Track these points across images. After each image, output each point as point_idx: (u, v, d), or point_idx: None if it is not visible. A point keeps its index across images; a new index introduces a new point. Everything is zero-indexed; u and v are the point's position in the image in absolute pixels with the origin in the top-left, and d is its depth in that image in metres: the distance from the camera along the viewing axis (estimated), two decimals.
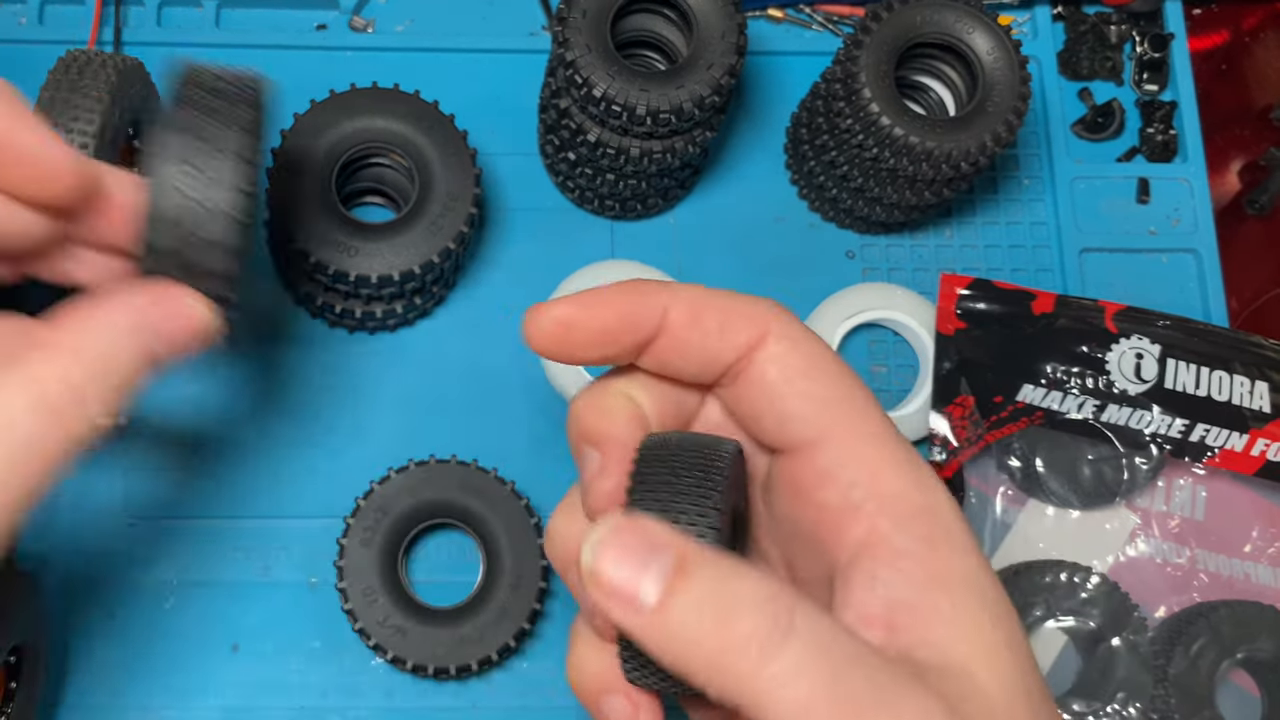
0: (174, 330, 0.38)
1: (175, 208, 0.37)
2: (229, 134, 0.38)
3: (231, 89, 0.40)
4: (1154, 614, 0.59)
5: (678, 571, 0.29)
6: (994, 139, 0.56)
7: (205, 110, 0.38)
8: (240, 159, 0.38)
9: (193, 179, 0.37)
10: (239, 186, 0.38)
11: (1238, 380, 0.60)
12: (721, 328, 0.34)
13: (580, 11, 0.54)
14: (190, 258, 0.38)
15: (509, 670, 0.57)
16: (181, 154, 0.37)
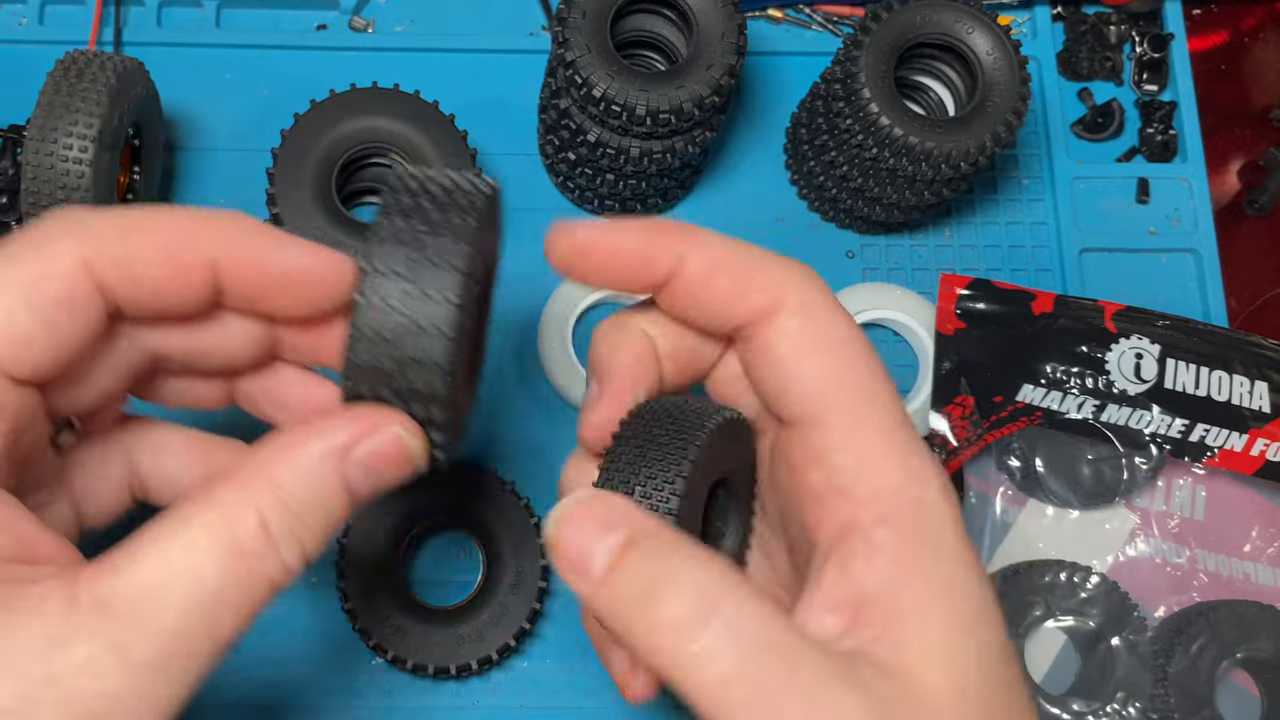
0: (380, 464, 0.33)
1: (389, 325, 0.32)
2: (450, 246, 0.32)
3: (456, 196, 0.34)
4: (1154, 614, 0.59)
5: (625, 547, 0.30)
6: (994, 139, 0.56)
7: (425, 220, 0.33)
8: (462, 274, 0.32)
9: (408, 295, 0.32)
10: (459, 304, 0.32)
11: (1237, 380, 0.60)
12: (734, 289, 0.34)
13: (580, 11, 0.54)
14: (402, 381, 0.33)
15: (509, 670, 0.57)
16: (396, 267, 0.32)
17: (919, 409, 0.61)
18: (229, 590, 0.29)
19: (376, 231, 0.33)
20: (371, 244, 0.32)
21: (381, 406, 0.33)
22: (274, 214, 0.56)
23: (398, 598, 0.55)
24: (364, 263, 0.32)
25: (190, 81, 0.64)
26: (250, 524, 0.30)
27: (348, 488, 0.32)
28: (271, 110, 0.64)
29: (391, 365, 0.32)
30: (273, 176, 0.56)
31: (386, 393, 0.33)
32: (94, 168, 0.51)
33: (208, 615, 0.29)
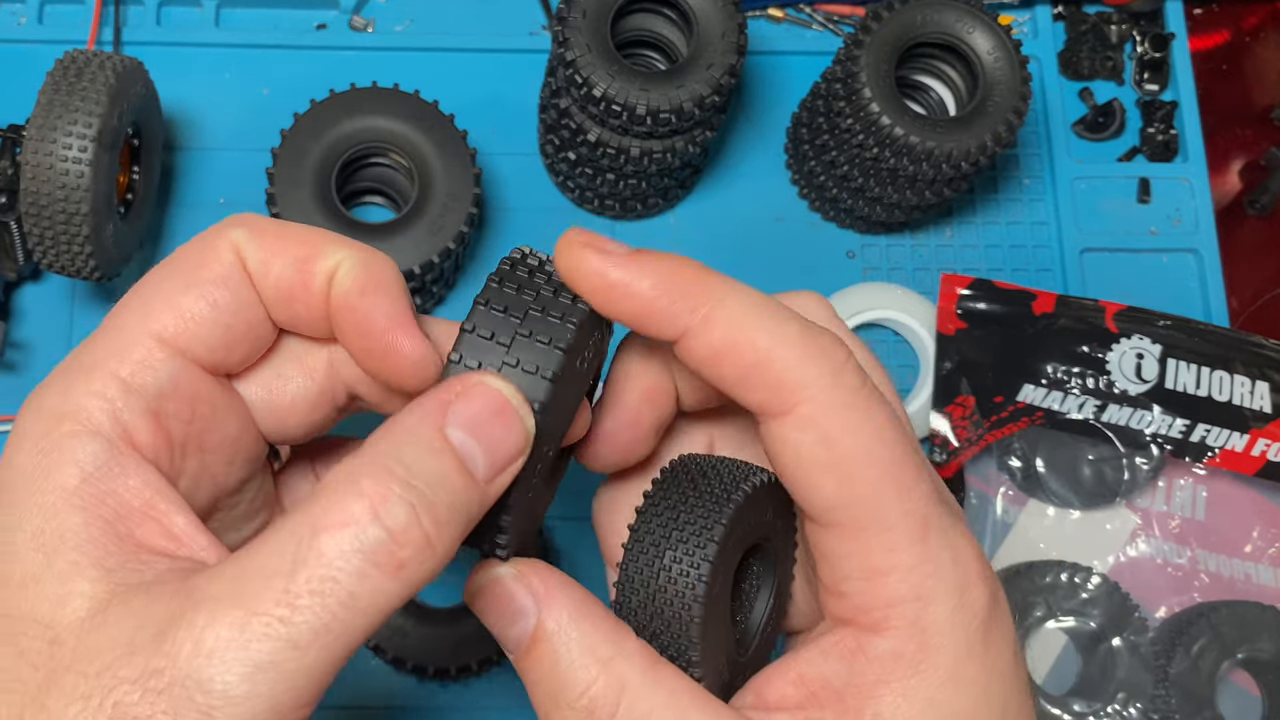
0: (483, 423, 0.30)
1: None
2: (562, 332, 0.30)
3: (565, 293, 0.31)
4: (1155, 614, 0.59)
5: (532, 643, 0.32)
6: (994, 139, 0.56)
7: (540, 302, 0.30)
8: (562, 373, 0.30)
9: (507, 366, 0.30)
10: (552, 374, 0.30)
11: (1238, 380, 0.60)
12: (740, 381, 0.30)
13: (580, 11, 0.54)
14: None
15: (509, 670, 0.57)
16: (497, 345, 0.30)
17: (920, 409, 0.61)
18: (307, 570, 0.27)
19: (482, 298, 0.30)
20: (482, 314, 0.30)
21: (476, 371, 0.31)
22: (274, 213, 0.56)
23: None
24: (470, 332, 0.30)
25: (190, 81, 0.64)
26: (349, 499, 0.27)
27: (459, 454, 0.29)
28: (271, 110, 0.64)
29: None
30: (272, 176, 0.56)
31: None
32: (93, 167, 0.51)
33: (283, 599, 0.27)
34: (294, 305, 0.32)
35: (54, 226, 0.52)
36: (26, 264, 0.58)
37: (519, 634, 0.31)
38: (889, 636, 0.30)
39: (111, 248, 0.55)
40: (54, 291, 0.61)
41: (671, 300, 0.30)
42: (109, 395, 0.30)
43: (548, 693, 0.31)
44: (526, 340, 0.30)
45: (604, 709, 0.30)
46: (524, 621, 0.31)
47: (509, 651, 0.32)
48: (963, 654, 0.30)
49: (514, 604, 0.32)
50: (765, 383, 0.30)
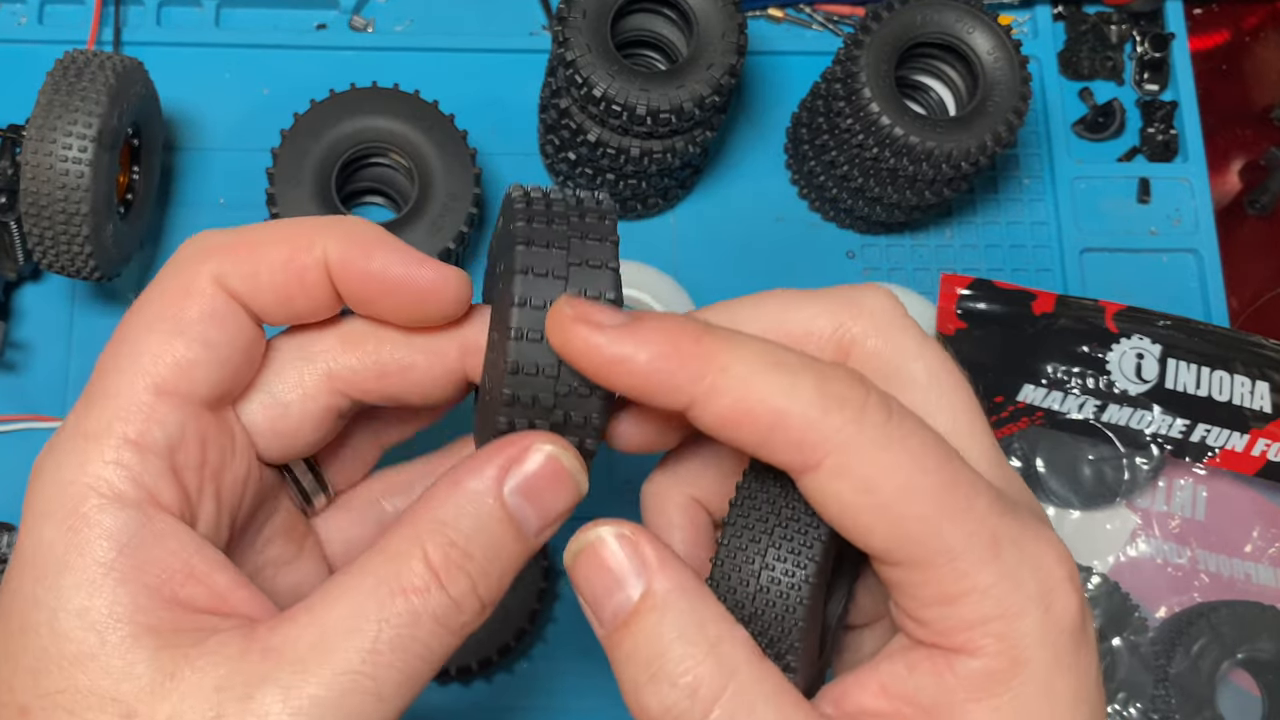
0: (539, 488, 0.30)
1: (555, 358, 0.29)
2: (600, 248, 0.30)
3: (586, 203, 0.31)
4: (1155, 614, 0.59)
5: (639, 610, 0.29)
6: (994, 139, 0.56)
7: (567, 225, 0.30)
8: (614, 292, 0.30)
9: None
10: None
11: (1238, 380, 0.60)
12: (762, 441, 0.29)
13: (580, 11, 0.54)
14: (564, 414, 0.30)
15: (509, 670, 0.57)
16: (553, 268, 0.30)
17: None
18: (390, 631, 0.28)
19: (524, 236, 0.30)
20: (522, 253, 0.30)
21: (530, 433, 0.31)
22: (274, 214, 0.56)
23: None
24: (514, 278, 0.30)
25: (190, 81, 0.64)
26: (416, 564, 0.29)
27: (514, 520, 0.30)
28: (271, 110, 0.64)
29: (554, 399, 0.30)
30: (272, 176, 0.56)
31: (544, 426, 0.31)
32: (93, 167, 0.51)
33: (369, 658, 0.28)
34: (293, 304, 0.33)
35: (54, 226, 0.52)
36: (26, 264, 0.58)
37: (620, 602, 0.29)
38: (978, 656, 0.29)
39: (111, 248, 0.55)
40: (54, 291, 0.61)
41: (672, 371, 0.28)
42: (126, 461, 0.30)
43: (644, 667, 0.29)
44: (579, 268, 0.30)
45: (708, 691, 0.28)
46: (628, 589, 0.29)
47: (601, 621, 0.30)
48: (1053, 666, 0.29)
49: (621, 569, 0.29)
50: (788, 443, 0.28)
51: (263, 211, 0.59)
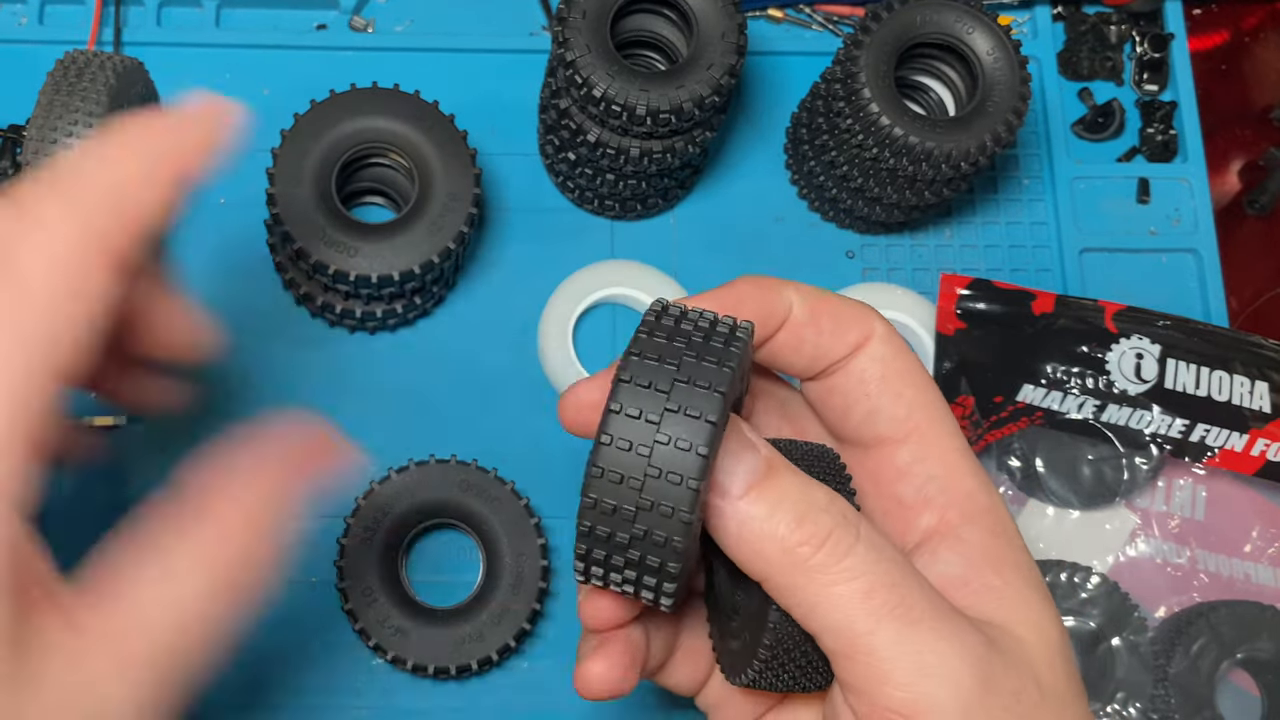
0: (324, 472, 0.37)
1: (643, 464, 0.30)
2: (720, 375, 0.30)
3: (719, 328, 0.32)
4: (1154, 614, 0.59)
5: (766, 470, 0.32)
6: (994, 139, 0.56)
7: (692, 347, 0.31)
8: (716, 415, 0.30)
9: (665, 430, 0.30)
10: (706, 450, 0.30)
11: (1238, 380, 0.60)
12: (835, 326, 0.37)
13: (580, 11, 0.54)
14: (644, 530, 0.31)
15: (509, 670, 0.57)
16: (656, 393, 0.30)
17: None
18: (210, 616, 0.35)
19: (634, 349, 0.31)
20: (626, 358, 0.31)
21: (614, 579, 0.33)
22: (274, 214, 0.56)
23: (398, 598, 0.55)
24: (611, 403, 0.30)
25: (190, 81, 0.64)
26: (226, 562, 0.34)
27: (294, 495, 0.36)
28: (271, 110, 0.64)
29: (629, 511, 0.31)
30: (273, 176, 0.56)
31: (618, 560, 0.32)
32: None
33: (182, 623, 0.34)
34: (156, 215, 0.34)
35: None
36: None
37: (752, 462, 0.32)
38: (979, 523, 0.35)
39: None
40: None
41: (770, 304, 0.37)
42: None
43: (795, 505, 0.32)
44: (686, 386, 0.31)
45: (853, 513, 0.32)
46: (756, 452, 0.32)
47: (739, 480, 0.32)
48: (1021, 537, 0.37)
49: (746, 439, 0.33)
50: (853, 321, 0.37)
51: (263, 211, 0.59)
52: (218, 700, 0.56)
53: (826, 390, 0.38)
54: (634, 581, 0.32)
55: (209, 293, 0.62)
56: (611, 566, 0.32)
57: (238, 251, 0.62)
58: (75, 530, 0.57)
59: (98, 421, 0.58)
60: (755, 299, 0.36)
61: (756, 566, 0.32)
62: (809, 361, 0.37)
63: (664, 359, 0.31)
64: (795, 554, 0.31)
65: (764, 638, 0.33)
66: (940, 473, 0.36)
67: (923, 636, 0.31)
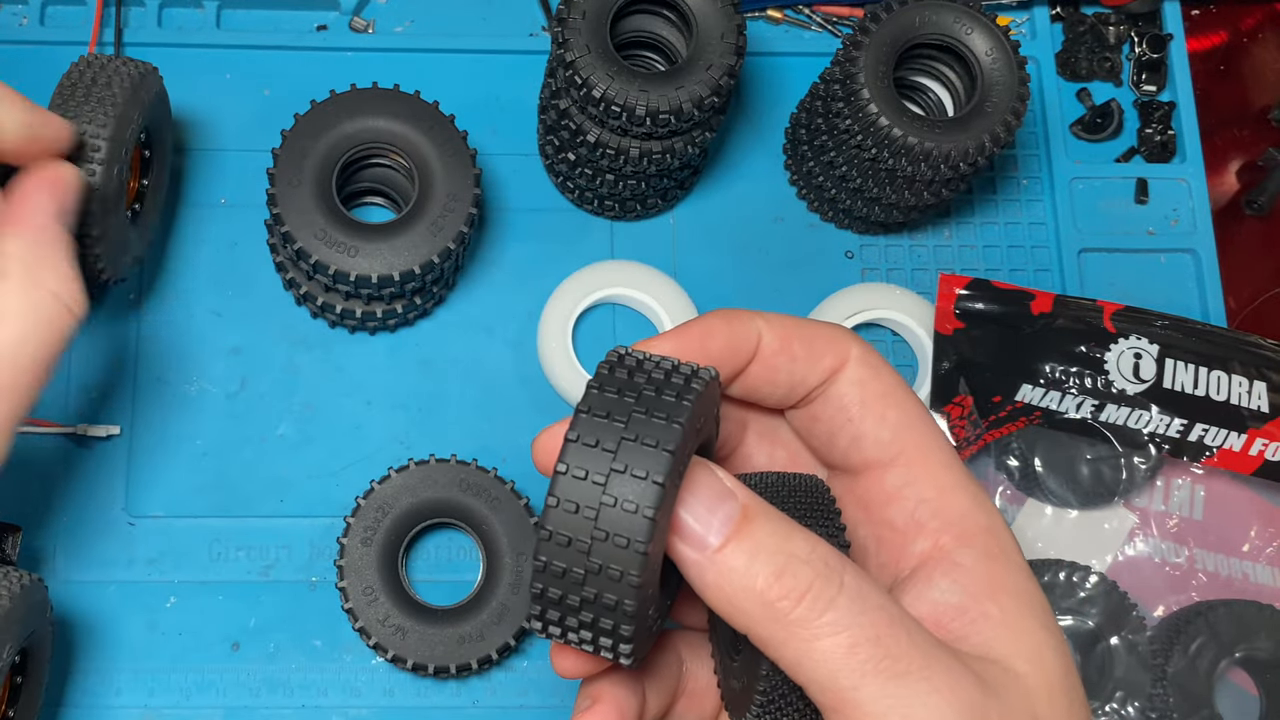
0: None
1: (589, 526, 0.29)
2: (669, 432, 0.30)
3: (673, 380, 0.31)
4: (1152, 613, 0.59)
5: (742, 520, 0.31)
6: (993, 139, 0.56)
7: (642, 402, 0.30)
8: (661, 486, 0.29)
9: (610, 492, 0.30)
10: (653, 512, 0.29)
11: (1236, 380, 0.61)
12: (809, 353, 0.36)
13: (580, 12, 0.54)
14: (595, 593, 0.30)
15: (509, 670, 0.58)
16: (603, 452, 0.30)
17: None
18: None
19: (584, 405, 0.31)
20: (575, 416, 0.30)
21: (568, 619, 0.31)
22: (275, 214, 0.56)
23: (398, 597, 0.55)
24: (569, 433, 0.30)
25: (190, 82, 0.64)
26: None
27: None
28: (271, 110, 0.64)
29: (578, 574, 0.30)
30: (273, 176, 0.56)
31: (573, 622, 0.31)
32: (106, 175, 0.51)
33: None
34: None
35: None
36: None
37: (729, 511, 0.31)
38: (974, 545, 0.34)
39: (121, 251, 0.55)
40: None
41: (737, 332, 0.35)
42: None
43: (773, 556, 0.30)
44: (633, 444, 0.30)
45: (836, 562, 0.31)
46: (732, 501, 0.31)
47: (714, 530, 0.31)
48: (1019, 553, 0.36)
49: (722, 486, 0.32)
50: (826, 347, 0.36)
51: (263, 211, 0.59)
52: (218, 700, 0.56)
53: (809, 418, 0.37)
54: (591, 641, 0.31)
55: (209, 293, 0.62)
56: (567, 627, 0.31)
57: (238, 251, 0.62)
58: (79, 544, 0.58)
59: (93, 431, 0.58)
60: (722, 333, 0.35)
61: (738, 620, 0.31)
62: (786, 391, 0.37)
63: (613, 416, 0.30)
64: (775, 608, 0.30)
65: (757, 684, 0.32)
66: (931, 495, 0.35)
67: (911, 689, 0.30)
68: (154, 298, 0.61)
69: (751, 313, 0.36)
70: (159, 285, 0.62)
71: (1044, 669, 0.32)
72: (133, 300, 0.61)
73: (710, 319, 0.36)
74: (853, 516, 0.37)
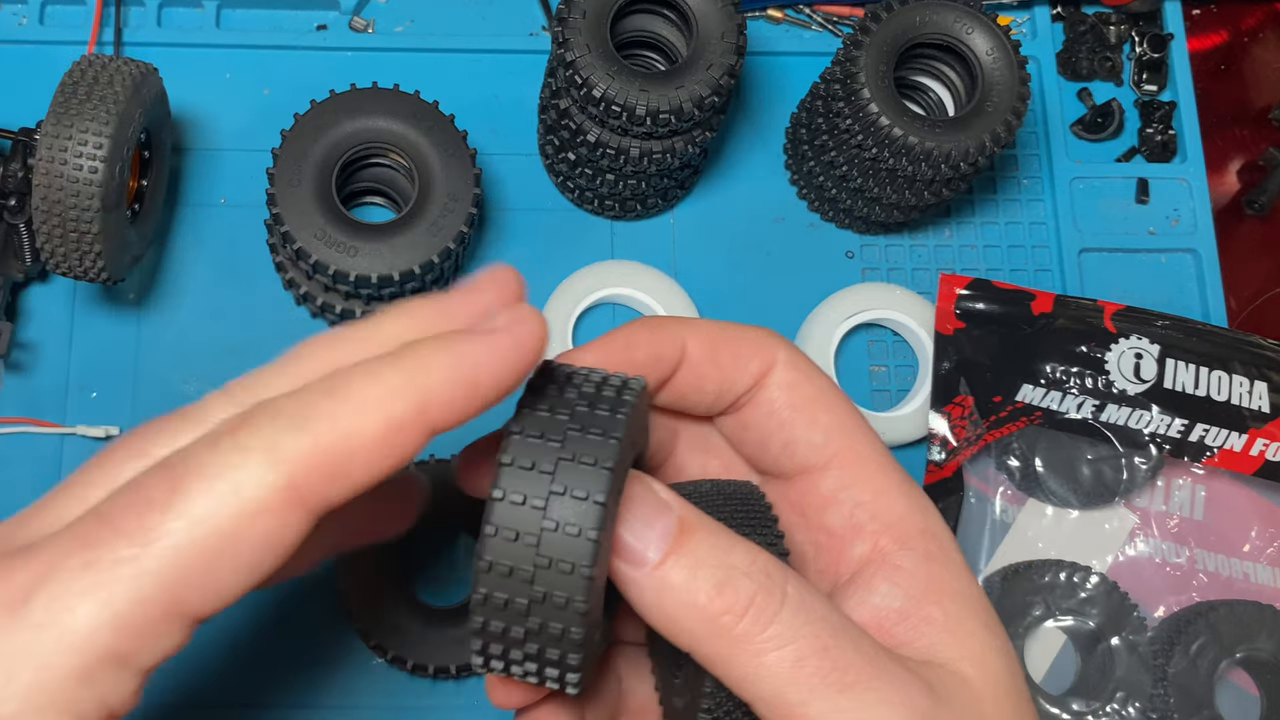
0: None
1: (531, 554, 0.28)
2: (606, 449, 0.29)
3: (605, 392, 0.31)
4: (1153, 614, 0.59)
5: (680, 534, 0.30)
6: (993, 139, 0.56)
7: (577, 419, 0.29)
8: (604, 495, 0.29)
9: (551, 516, 0.28)
10: (596, 533, 0.28)
11: (1237, 380, 0.60)
12: (734, 359, 0.35)
13: (580, 11, 0.54)
14: (539, 623, 0.29)
15: None
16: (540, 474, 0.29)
17: (918, 409, 0.61)
18: None
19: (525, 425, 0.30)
20: (507, 437, 0.30)
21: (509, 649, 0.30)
22: (274, 214, 0.56)
23: (398, 598, 0.55)
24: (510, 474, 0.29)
25: (190, 82, 0.64)
26: None
27: None
28: (271, 110, 0.64)
29: (521, 604, 0.29)
30: (273, 176, 0.56)
31: (517, 654, 0.30)
32: (106, 175, 0.51)
33: None
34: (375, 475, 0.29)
35: (65, 232, 0.52)
36: (34, 265, 0.58)
37: (666, 525, 0.30)
38: (913, 548, 0.33)
39: (121, 251, 0.55)
40: (57, 292, 0.61)
41: (660, 342, 0.35)
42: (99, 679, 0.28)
43: (714, 571, 0.29)
44: (571, 464, 0.29)
45: (777, 572, 0.30)
46: (669, 514, 0.30)
47: (652, 545, 0.30)
48: (959, 554, 0.35)
49: (658, 501, 0.31)
50: (753, 351, 0.35)
51: (263, 211, 0.59)
52: (218, 701, 0.56)
53: (740, 425, 0.37)
54: (537, 673, 0.30)
55: (209, 293, 0.62)
56: (511, 660, 0.30)
57: (238, 251, 0.62)
58: None
59: (92, 431, 0.58)
60: (646, 343, 0.35)
61: (680, 639, 0.30)
62: (714, 398, 0.36)
63: (547, 436, 0.29)
64: (718, 623, 0.29)
65: (702, 702, 0.32)
66: (868, 498, 0.34)
67: (860, 700, 0.29)
68: (154, 298, 0.61)
69: (678, 321, 0.36)
70: (159, 285, 0.62)
71: (989, 671, 0.32)
72: (132, 300, 0.61)
73: (633, 328, 0.35)
74: (789, 522, 0.36)
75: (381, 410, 0.28)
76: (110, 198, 0.52)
